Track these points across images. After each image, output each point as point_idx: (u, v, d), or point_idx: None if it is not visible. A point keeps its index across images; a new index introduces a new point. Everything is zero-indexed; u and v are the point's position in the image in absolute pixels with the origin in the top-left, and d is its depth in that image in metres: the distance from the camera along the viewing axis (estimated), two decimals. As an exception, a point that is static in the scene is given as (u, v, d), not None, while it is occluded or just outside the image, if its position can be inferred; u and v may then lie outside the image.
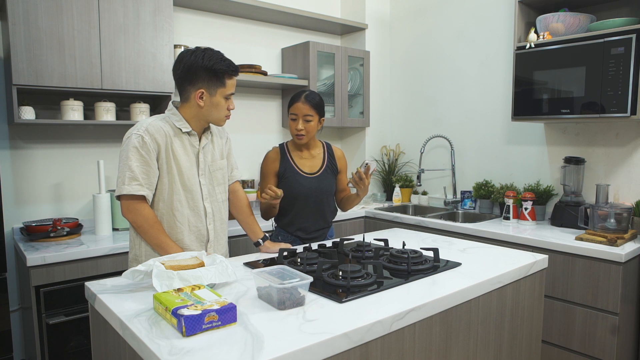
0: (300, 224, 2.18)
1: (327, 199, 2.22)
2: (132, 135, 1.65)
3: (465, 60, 3.38)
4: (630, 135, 2.58)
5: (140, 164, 1.64)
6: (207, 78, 1.67)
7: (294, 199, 2.15)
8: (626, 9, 2.55)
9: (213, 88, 1.69)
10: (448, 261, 1.76)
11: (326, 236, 2.30)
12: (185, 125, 1.74)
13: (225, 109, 1.74)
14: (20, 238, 2.37)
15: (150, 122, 1.69)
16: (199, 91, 1.69)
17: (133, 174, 1.63)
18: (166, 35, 2.62)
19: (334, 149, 2.32)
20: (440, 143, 3.57)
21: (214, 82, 1.68)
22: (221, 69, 1.68)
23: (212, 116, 1.74)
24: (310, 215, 2.18)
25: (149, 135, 1.65)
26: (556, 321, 2.34)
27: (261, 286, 1.36)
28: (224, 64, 1.69)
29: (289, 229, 2.20)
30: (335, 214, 2.32)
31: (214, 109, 1.72)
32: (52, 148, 2.64)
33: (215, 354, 1.02)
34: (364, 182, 2.00)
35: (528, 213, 2.73)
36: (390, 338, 1.26)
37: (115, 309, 1.29)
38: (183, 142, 1.74)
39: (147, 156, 1.65)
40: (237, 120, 3.38)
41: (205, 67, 1.66)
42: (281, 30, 3.57)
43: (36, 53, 2.24)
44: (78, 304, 2.17)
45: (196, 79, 1.68)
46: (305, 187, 2.14)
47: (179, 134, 1.73)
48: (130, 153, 1.64)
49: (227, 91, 1.71)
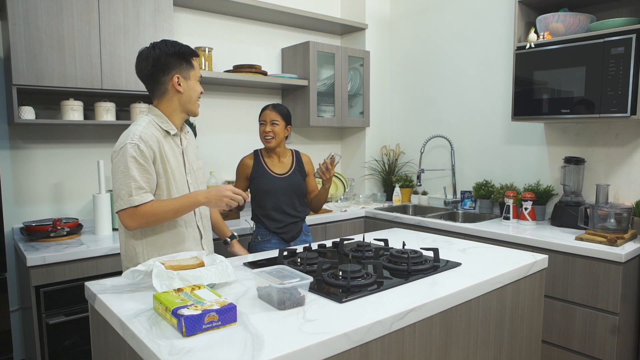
0: (273, 217, 2.37)
1: (296, 195, 2.42)
2: (127, 145, 1.62)
3: (465, 60, 3.38)
4: (630, 135, 2.58)
5: (141, 172, 1.63)
6: (178, 63, 1.71)
7: (266, 194, 2.36)
8: (626, 9, 2.55)
9: (185, 71, 1.73)
10: (448, 261, 1.76)
11: (301, 229, 2.45)
12: (171, 127, 1.75)
13: (199, 92, 1.78)
14: (20, 238, 2.37)
15: (142, 129, 1.67)
16: (174, 77, 1.71)
17: (138, 183, 1.61)
18: (166, 35, 2.62)
19: (302, 155, 2.54)
20: (440, 143, 3.57)
21: (185, 66, 1.72)
22: (187, 51, 1.72)
23: (192, 101, 1.76)
24: (282, 209, 2.37)
25: (144, 143, 1.64)
26: (556, 321, 2.34)
27: (261, 286, 1.36)
28: (185, 47, 1.74)
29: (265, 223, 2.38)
30: (306, 209, 2.50)
31: (192, 93, 1.75)
32: (52, 148, 2.64)
33: (215, 354, 1.02)
34: (330, 172, 2.27)
35: (528, 213, 2.73)
36: (390, 338, 1.26)
37: (115, 309, 1.29)
38: (171, 144, 1.75)
39: (146, 164, 1.64)
40: (237, 120, 3.38)
41: (173, 53, 1.69)
42: (281, 30, 3.57)
43: (36, 53, 2.24)
44: (78, 304, 2.17)
45: (168, 67, 1.70)
46: (276, 185, 2.36)
47: (166, 137, 1.74)
48: (130, 163, 1.61)
49: (197, 73, 1.76)
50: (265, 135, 2.37)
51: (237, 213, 2.97)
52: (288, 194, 2.38)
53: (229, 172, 3.34)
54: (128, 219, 1.61)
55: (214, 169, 3.22)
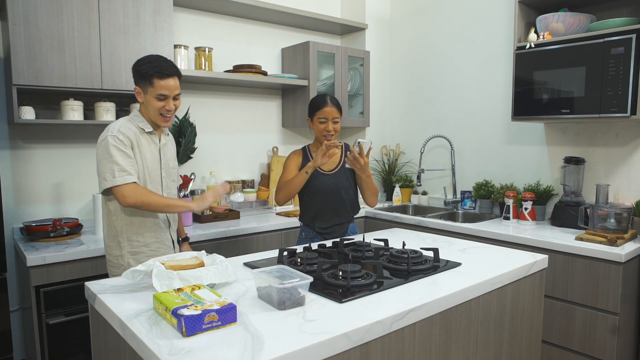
0: (322, 218, 2.28)
1: (345, 193, 2.29)
2: (108, 137, 1.83)
3: (465, 60, 3.38)
4: (630, 135, 2.58)
5: (124, 157, 1.83)
6: (139, 79, 1.90)
7: (314, 195, 2.26)
8: (626, 9, 2.55)
9: (144, 87, 1.90)
10: (448, 261, 1.76)
11: (347, 230, 2.36)
12: (147, 125, 1.95)
13: (157, 108, 1.90)
14: (20, 238, 2.37)
15: (119, 125, 1.89)
16: (135, 88, 1.92)
17: (120, 166, 1.80)
18: (166, 35, 2.62)
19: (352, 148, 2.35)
20: (440, 143, 3.57)
21: (143, 82, 1.89)
22: (147, 71, 1.87)
23: (150, 113, 1.93)
24: (330, 209, 2.28)
25: (122, 134, 1.85)
26: (556, 321, 2.34)
27: (261, 286, 1.36)
28: (151, 66, 1.87)
29: (311, 224, 2.31)
30: (356, 208, 2.38)
31: (149, 106, 1.91)
32: (52, 148, 2.64)
33: (215, 354, 1.02)
34: (359, 161, 2.10)
35: (528, 213, 2.73)
36: (390, 338, 1.26)
37: (115, 309, 1.29)
38: (147, 140, 1.96)
39: (127, 150, 1.84)
40: (237, 120, 3.38)
41: (136, 70, 1.90)
42: (281, 30, 3.57)
43: (36, 53, 2.24)
44: (78, 304, 2.17)
45: (135, 80, 1.93)
46: (323, 184, 2.26)
47: (143, 133, 1.95)
48: (112, 151, 1.81)
49: (156, 91, 1.88)
50: (327, 133, 2.22)
51: (237, 213, 2.97)
52: (334, 194, 2.26)
53: (229, 172, 3.34)
54: (120, 195, 1.81)
55: (213, 169, 3.22)
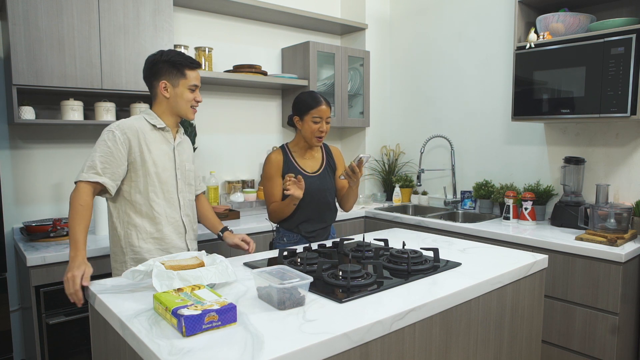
0: (304, 220, 2.19)
1: (329, 195, 2.24)
2: (104, 132, 1.78)
3: (465, 60, 3.38)
4: (630, 135, 2.58)
5: (104, 154, 1.74)
6: (168, 70, 1.82)
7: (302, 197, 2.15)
8: (626, 9, 2.55)
9: (175, 79, 1.83)
10: (448, 261, 1.76)
11: (329, 234, 2.32)
12: (159, 121, 1.87)
13: (189, 100, 1.86)
14: (20, 238, 2.37)
15: (123, 121, 1.82)
16: (162, 83, 1.83)
17: (92, 163, 1.73)
18: (166, 35, 2.62)
19: (331, 148, 2.36)
20: (440, 143, 3.57)
21: (175, 74, 1.83)
22: (179, 61, 1.82)
23: (179, 107, 1.86)
24: (313, 212, 2.19)
25: (120, 131, 1.78)
26: (556, 321, 2.34)
27: (261, 286, 1.36)
28: (181, 57, 1.84)
29: (296, 228, 2.20)
30: (335, 212, 2.33)
31: (179, 99, 1.85)
32: (52, 148, 2.64)
33: (215, 354, 1.02)
34: (357, 175, 2.05)
35: (528, 213, 2.73)
36: (390, 338, 1.26)
37: (115, 309, 1.29)
38: (158, 138, 1.87)
39: (114, 147, 1.75)
40: (237, 120, 3.38)
41: (164, 61, 1.82)
42: (281, 30, 3.57)
43: (36, 53, 2.24)
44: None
45: (159, 73, 1.84)
46: (309, 186, 2.14)
47: (153, 130, 1.86)
48: (98, 146, 1.75)
49: (188, 82, 1.84)
50: (320, 134, 2.14)
51: (237, 213, 2.97)
52: (320, 196, 2.19)
53: (229, 172, 3.34)
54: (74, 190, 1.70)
55: (214, 169, 3.22)
